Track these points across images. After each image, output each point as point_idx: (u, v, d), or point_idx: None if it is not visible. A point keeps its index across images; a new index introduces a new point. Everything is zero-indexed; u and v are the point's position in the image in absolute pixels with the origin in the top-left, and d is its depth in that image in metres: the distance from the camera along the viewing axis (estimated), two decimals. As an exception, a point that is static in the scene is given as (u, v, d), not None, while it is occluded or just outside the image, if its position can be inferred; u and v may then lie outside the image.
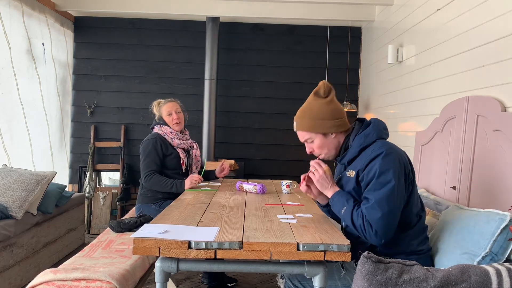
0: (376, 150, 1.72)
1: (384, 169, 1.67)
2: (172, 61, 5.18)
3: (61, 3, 4.60)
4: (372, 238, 1.67)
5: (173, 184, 2.88)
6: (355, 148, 1.81)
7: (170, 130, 3.09)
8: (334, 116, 1.84)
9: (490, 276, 1.16)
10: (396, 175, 1.67)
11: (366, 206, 1.67)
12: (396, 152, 1.73)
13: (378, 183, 1.67)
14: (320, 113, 1.84)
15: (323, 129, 1.84)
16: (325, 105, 1.85)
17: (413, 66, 3.48)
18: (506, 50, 2.19)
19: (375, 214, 1.64)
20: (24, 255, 2.98)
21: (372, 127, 1.82)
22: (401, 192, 1.69)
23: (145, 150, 2.99)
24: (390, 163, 1.68)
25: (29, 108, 4.08)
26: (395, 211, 1.67)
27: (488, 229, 1.67)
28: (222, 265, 1.69)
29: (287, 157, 5.21)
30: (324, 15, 4.73)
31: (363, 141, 1.79)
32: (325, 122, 1.83)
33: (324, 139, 1.87)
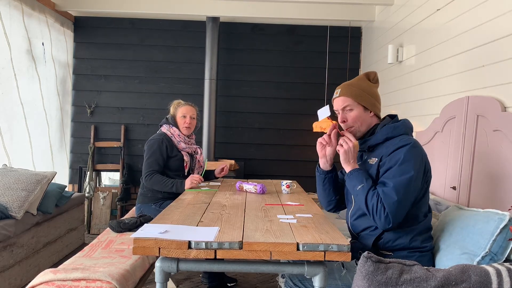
0: (404, 140, 1.77)
1: (407, 158, 1.71)
2: (172, 61, 5.18)
3: (61, 3, 4.60)
4: (382, 220, 1.69)
5: (173, 184, 2.88)
6: (381, 135, 1.85)
7: (178, 132, 3.09)
8: (378, 99, 1.93)
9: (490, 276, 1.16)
10: (417, 167, 1.71)
11: (384, 188, 1.70)
12: (422, 148, 1.80)
13: (399, 170, 1.70)
14: (368, 90, 1.91)
15: (366, 103, 1.89)
16: (373, 87, 1.93)
17: (413, 66, 3.48)
18: (506, 50, 2.19)
19: (391, 198, 1.67)
20: (24, 255, 2.98)
21: (402, 123, 1.88)
22: (417, 185, 1.73)
23: (149, 149, 2.99)
24: (415, 155, 1.73)
25: (29, 108, 4.08)
26: (408, 201, 1.71)
27: (487, 229, 1.67)
28: (222, 265, 1.69)
29: (287, 157, 5.22)
30: (324, 15, 4.73)
31: (391, 131, 1.83)
32: (370, 98, 1.89)
33: (363, 112, 1.90)
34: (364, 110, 1.89)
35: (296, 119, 5.16)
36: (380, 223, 1.71)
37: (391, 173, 1.72)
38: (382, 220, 1.69)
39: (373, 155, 1.87)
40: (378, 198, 1.70)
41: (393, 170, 1.72)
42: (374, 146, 1.88)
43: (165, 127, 3.12)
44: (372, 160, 1.85)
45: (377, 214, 1.69)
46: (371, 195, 1.72)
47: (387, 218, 1.68)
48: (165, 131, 3.09)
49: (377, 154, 1.84)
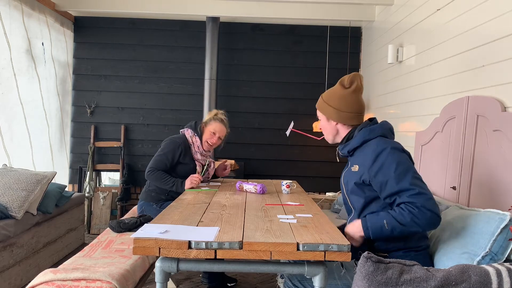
0: (380, 144, 1.79)
1: (397, 160, 1.73)
2: (172, 61, 5.18)
3: (61, 3, 4.60)
4: (434, 220, 1.66)
5: (174, 183, 2.88)
6: (358, 139, 1.89)
7: (198, 144, 3.04)
8: (342, 107, 1.92)
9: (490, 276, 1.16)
10: (408, 162, 1.76)
11: (410, 194, 1.67)
12: (399, 145, 1.83)
13: (400, 174, 1.71)
14: (331, 99, 1.96)
15: (326, 113, 1.97)
16: (341, 94, 1.94)
17: (413, 66, 3.48)
18: (505, 50, 2.19)
19: (424, 197, 1.66)
20: (24, 255, 2.98)
21: (379, 125, 1.90)
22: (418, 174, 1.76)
23: (164, 148, 2.97)
24: (399, 154, 1.76)
25: (29, 108, 4.08)
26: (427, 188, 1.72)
27: (488, 229, 1.67)
28: (222, 265, 1.69)
29: (287, 157, 5.22)
30: (324, 15, 4.73)
31: (367, 134, 1.87)
32: (330, 108, 1.95)
33: (326, 122, 2.00)
34: (327, 120, 1.99)
35: (296, 119, 5.16)
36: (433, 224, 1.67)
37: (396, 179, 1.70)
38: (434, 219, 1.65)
39: (355, 161, 1.90)
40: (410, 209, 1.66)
41: (395, 177, 1.71)
42: (353, 150, 1.93)
43: (189, 132, 3.07)
44: (355, 168, 1.88)
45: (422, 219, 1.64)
46: (400, 216, 1.67)
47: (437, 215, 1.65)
48: (188, 137, 3.05)
49: (357, 160, 1.88)
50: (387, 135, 1.88)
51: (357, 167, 1.86)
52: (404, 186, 1.69)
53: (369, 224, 1.73)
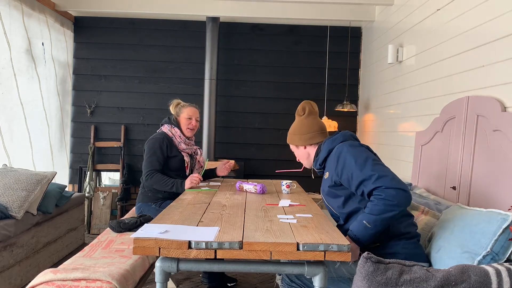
0: (340, 147, 1.98)
1: (355, 153, 1.90)
2: (172, 61, 5.18)
3: (61, 3, 4.60)
4: (403, 196, 1.75)
5: (173, 184, 2.88)
6: (324, 151, 2.08)
7: (179, 134, 3.06)
8: (302, 131, 2.16)
9: (490, 276, 1.16)
10: (367, 152, 1.92)
11: (373, 181, 1.78)
12: (355, 142, 2.02)
13: (360, 164, 1.85)
14: (293, 129, 2.22)
15: (293, 142, 2.21)
16: (299, 122, 2.20)
17: (413, 66, 3.48)
18: (506, 50, 2.19)
19: (386, 178, 1.78)
20: (24, 255, 2.98)
21: (340, 134, 2.08)
22: (378, 159, 1.93)
23: (150, 149, 2.97)
24: (356, 148, 1.94)
25: (29, 108, 4.08)
26: (391, 171, 1.84)
27: (489, 229, 1.67)
28: (222, 265, 1.69)
29: (287, 157, 5.19)
30: (324, 15, 4.73)
31: (330, 144, 2.06)
32: (295, 136, 2.19)
33: (297, 149, 2.23)
34: (297, 147, 2.22)
35: (296, 119, 5.16)
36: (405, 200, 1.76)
37: (359, 170, 1.83)
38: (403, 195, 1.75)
39: (326, 169, 2.07)
40: (379, 196, 1.77)
41: (356, 169, 1.84)
42: (323, 162, 2.09)
43: (166, 127, 3.10)
44: (326, 175, 2.05)
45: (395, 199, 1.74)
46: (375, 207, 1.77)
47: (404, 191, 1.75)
48: (166, 131, 3.07)
49: (327, 168, 2.05)
50: (349, 140, 2.04)
51: (327, 173, 2.03)
52: (366, 173, 1.81)
53: (354, 232, 1.81)
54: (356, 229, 1.80)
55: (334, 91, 5.09)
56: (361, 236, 1.79)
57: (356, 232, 1.80)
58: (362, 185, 1.83)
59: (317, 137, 2.15)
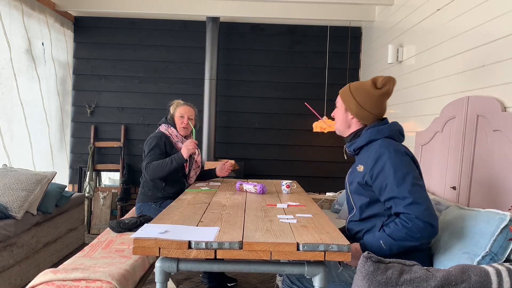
0: (383, 146, 1.78)
1: (397, 164, 1.73)
2: (172, 61, 5.18)
3: (61, 3, 4.60)
4: (429, 231, 1.65)
5: (171, 159, 2.87)
6: (364, 137, 1.88)
7: (176, 133, 3.09)
8: (366, 106, 1.89)
9: (490, 276, 1.16)
10: (410, 166, 1.75)
11: (405, 205, 1.66)
12: (401, 147, 1.82)
13: (398, 179, 1.70)
14: (358, 92, 1.92)
15: (347, 104, 1.94)
16: (369, 91, 1.90)
17: (413, 66, 3.48)
18: (506, 50, 2.19)
19: (418, 207, 1.65)
20: (24, 255, 2.98)
21: (387, 126, 1.88)
22: (421, 178, 1.76)
23: (149, 146, 2.97)
24: (399, 158, 1.75)
25: (29, 108, 4.08)
26: (428, 197, 1.71)
27: (488, 229, 1.67)
28: (222, 265, 1.69)
29: (287, 157, 5.21)
30: (324, 15, 4.73)
31: (374, 134, 1.86)
32: (354, 103, 1.91)
33: (343, 112, 1.97)
34: (345, 111, 1.96)
35: (296, 119, 5.16)
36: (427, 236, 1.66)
37: (394, 184, 1.70)
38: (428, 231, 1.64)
39: (360, 160, 1.90)
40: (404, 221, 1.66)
41: (392, 181, 1.71)
42: (359, 149, 1.93)
43: (163, 126, 3.12)
44: (359, 168, 1.88)
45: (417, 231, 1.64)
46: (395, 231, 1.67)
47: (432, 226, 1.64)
48: (163, 131, 3.09)
49: (362, 159, 1.88)
50: (394, 136, 1.87)
51: (362, 167, 1.86)
52: (401, 192, 1.68)
53: (367, 247, 1.74)
54: (370, 245, 1.73)
55: (334, 91, 5.08)
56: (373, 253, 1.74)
57: (370, 248, 1.72)
58: (392, 202, 1.72)
59: (371, 120, 1.92)
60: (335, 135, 5.06)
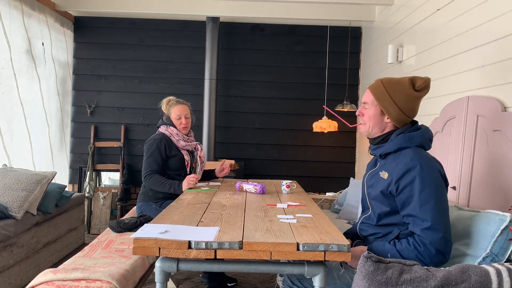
0: (414, 159, 1.67)
1: (425, 183, 1.63)
2: (172, 61, 5.18)
3: (61, 3, 4.60)
4: (438, 260, 1.61)
5: (171, 185, 2.88)
6: (394, 144, 1.76)
7: (176, 131, 3.07)
8: (405, 109, 1.76)
9: (490, 276, 1.16)
10: (439, 187, 1.65)
11: (422, 228, 1.61)
12: (433, 163, 1.71)
13: (422, 199, 1.62)
14: (398, 96, 1.76)
15: (386, 108, 1.77)
16: (410, 95, 1.76)
17: (413, 66, 3.48)
18: (506, 50, 2.19)
19: (435, 234, 1.59)
20: (24, 255, 2.98)
21: (419, 133, 1.76)
22: (446, 202, 1.67)
23: (148, 150, 2.98)
24: (430, 175, 1.65)
25: (29, 108, 4.08)
26: (449, 223, 1.64)
27: (488, 230, 1.67)
28: (222, 265, 1.69)
29: (287, 157, 5.21)
30: (324, 15, 4.74)
31: (405, 141, 1.74)
32: (393, 105, 1.75)
33: (379, 116, 1.80)
34: (381, 114, 1.80)
35: (296, 119, 5.16)
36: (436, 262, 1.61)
37: (417, 202, 1.63)
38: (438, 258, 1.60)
39: (385, 167, 1.79)
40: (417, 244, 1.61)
41: (417, 199, 1.63)
42: (386, 154, 1.81)
43: (162, 127, 3.11)
44: (384, 174, 1.77)
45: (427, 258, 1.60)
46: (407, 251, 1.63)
47: (444, 255, 1.59)
48: (163, 131, 3.08)
49: (388, 167, 1.77)
50: (424, 145, 1.77)
51: (386, 174, 1.75)
52: (422, 214, 1.61)
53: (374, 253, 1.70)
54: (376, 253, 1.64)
55: (334, 91, 5.09)
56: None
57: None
58: (411, 219, 1.65)
59: (406, 123, 1.78)
60: (335, 135, 5.08)
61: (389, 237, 1.78)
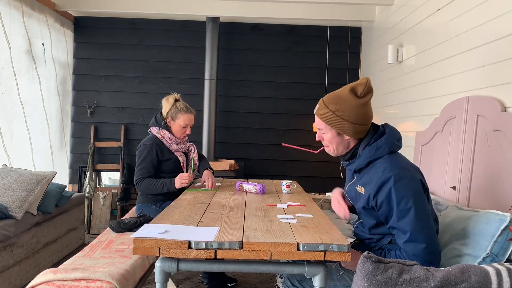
0: (386, 172, 1.62)
1: (401, 194, 1.59)
2: (172, 61, 5.18)
3: (61, 3, 4.60)
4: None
5: (163, 185, 2.82)
6: (363, 160, 1.73)
7: (169, 135, 2.96)
8: (358, 121, 1.70)
9: (490, 276, 1.16)
10: (416, 195, 1.60)
11: (404, 241, 1.59)
12: (408, 171, 1.64)
13: (400, 211, 1.59)
14: (346, 112, 1.70)
15: (340, 129, 1.73)
16: (356, 106, 1.69)
17: (413, 66, 3.48)
18: (506, 50, 2.19)
19: (418, 247, 1.57)
20: (24, 255, 2.98)
21: (385, 138, 1.71)
22: (427, 210, 1.63)
23: (140, 156, 2.92)
24: (405, 186, 1.60)
25: (29, 108, 4.08)
26: (433, 231, 1.61)
27: (488, 230, 1.67)
28: (222, 265, 1.69)
29: (287, 157, 5.21)
30: (324, 15, 4.73)
31: (373, 153, 1.70)
32: (346, 123, 1.70)
33: (337, 137, 1.76)
34: (339, 135, 1.75)
35: (296, 119, 5.16)
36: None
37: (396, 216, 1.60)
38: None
39: (361, 181, 1.76)
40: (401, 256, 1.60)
41: (396, 213, 1.60)
42: (360, 170, 1.78)
43: (154, 129, 2.99)
44: (360, 189, 1.75)
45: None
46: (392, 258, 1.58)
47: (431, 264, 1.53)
48: (155, 134, 2.97)
49: (363, 181, 1.74)
50: (394, 148, 1.72)
51: (363, 189, 1.73)
52: (402, 226, 1.60)
53: None
54: None
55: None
56: None
57: None
58: (395, 231, 1.65)
59: (366, 130, 1.74)
60: (335, 135, 5.07)
61: (383, 242, 1.78)
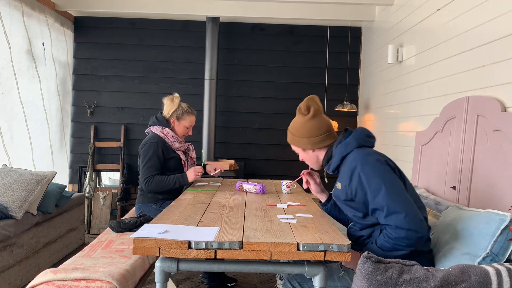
0: (353, 160, 1.78)
1: (370, 175, 1.71)
2: (172, 61, 5.18)
3: (61, 3, 4.60)
4: (413, 238, 1.63)
5: (175, 180, 2.86)
6: (336, 157, 1.89)
7: (172, 134, 3.00)
8: (311, 134, 1.93)
9: (490, 276, 1.16)
10: (384, 173, 1.72)
11: (384, 216, 1.66)
12: (371, 155, 1.78)
13: (373, 190, 1.70)
14: (298, 130, 1.96)
15: (300, 145, 1.98)
16: (304, 122, 1.94)
17: (413, 66, 3.48)
18: (506, 50, 2.19)
19: (398, 217, 1.63)
20: (24, 255, 2.98)
21: (352, 136, 1.88)
22: (398, 184, 1.71)
23: (146, 155, 2.90)
24: (372, 167, 1.73)
25: (29, 108, 4.08)
26: (409, 201, 1.68)
27: (488, 230, 1.67)
28: (222, 265, 1.69)
29: (287, 157, 5.21)
30: (324, 15, 4.74)
31: (343, 150, 1.87)
32: (301, 140, 1.96)
33: (304, 153, 2.01)
34: (304, 151, 2.00)
35: (296, 119, 5.16)
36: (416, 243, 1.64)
37: (371, 196, 1.70)
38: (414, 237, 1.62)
39: (338, 178, 1.90)
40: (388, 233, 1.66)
41: (370, 194, 1.70)
42: (337, 168, 1.92)
43: (156, 128, 3.00)
44: (338, 185, 1.89)
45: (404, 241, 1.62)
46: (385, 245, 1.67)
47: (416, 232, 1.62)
48: (157, 133, 2.98)
49: (340, 178, 1.88)
50: (364, 143, 1.87)
51: (339, 184, 1.87)
52: (378, 203, 1.68)
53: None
54: None
55: (334, 91, 5.09)
56: None
57: None
58: (376, 214, 1.72)
59: (327, 139, 1.94)
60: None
61: (374, 236, 1.81)
